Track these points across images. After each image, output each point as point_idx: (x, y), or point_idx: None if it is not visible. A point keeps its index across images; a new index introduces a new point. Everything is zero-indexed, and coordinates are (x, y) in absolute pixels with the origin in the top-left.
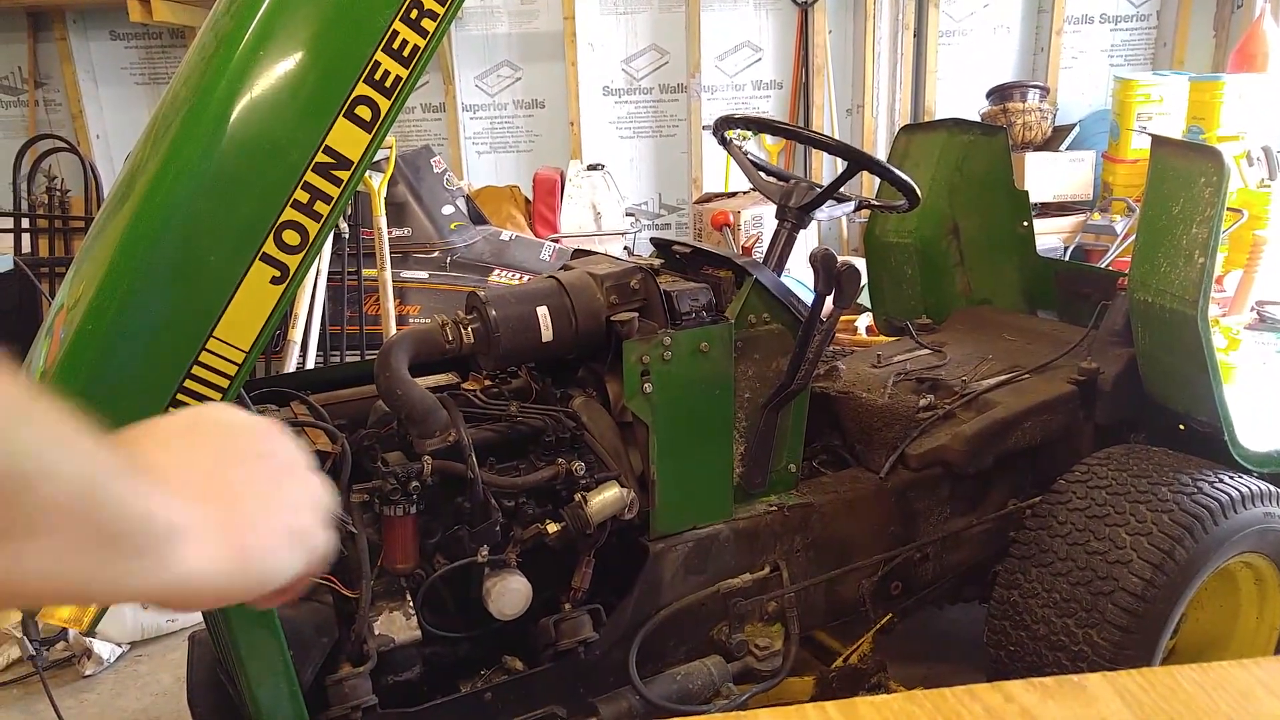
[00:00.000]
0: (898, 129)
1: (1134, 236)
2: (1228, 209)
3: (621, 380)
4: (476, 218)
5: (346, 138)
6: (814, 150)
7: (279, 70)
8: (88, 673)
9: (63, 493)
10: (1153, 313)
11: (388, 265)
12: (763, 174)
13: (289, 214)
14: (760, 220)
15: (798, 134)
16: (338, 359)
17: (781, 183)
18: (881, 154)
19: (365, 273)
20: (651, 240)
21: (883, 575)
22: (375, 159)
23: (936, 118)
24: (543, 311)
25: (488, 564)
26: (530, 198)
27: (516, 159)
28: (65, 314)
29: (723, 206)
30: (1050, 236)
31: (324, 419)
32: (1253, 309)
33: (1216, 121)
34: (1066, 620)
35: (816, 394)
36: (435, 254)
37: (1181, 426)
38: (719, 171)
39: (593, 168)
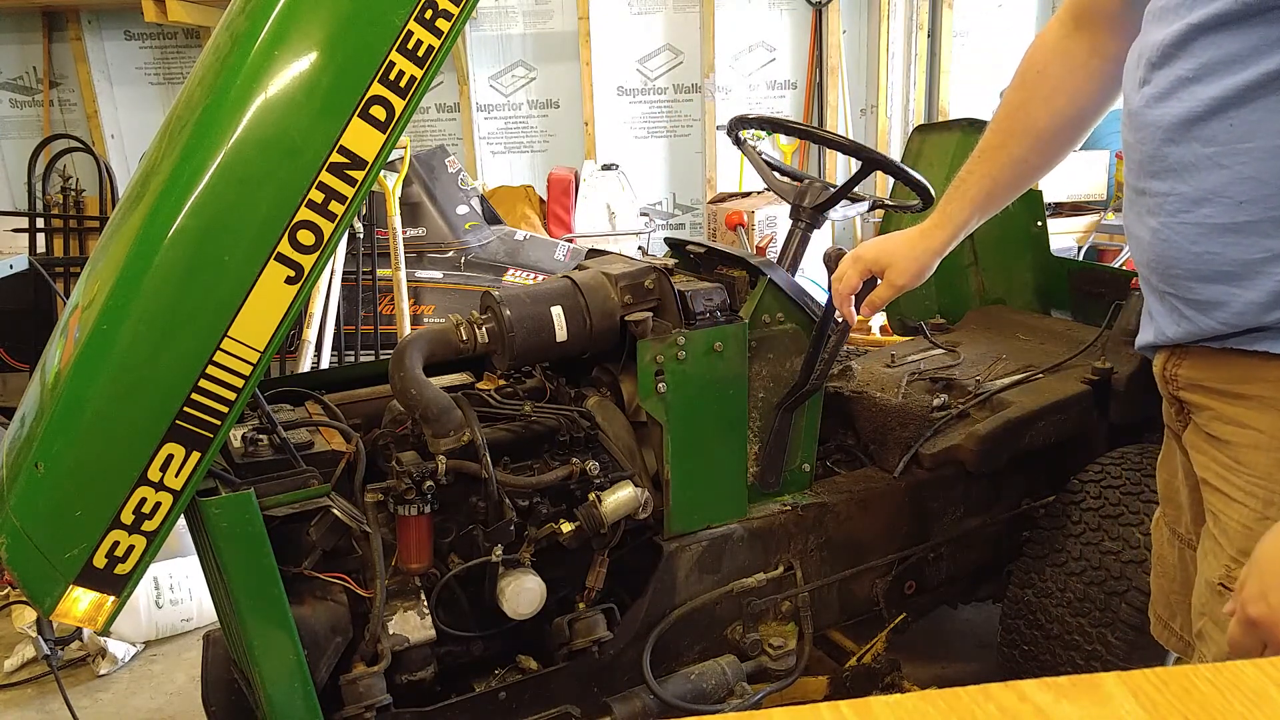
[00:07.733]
0: (911, 129)
1: None
2: None
3: (636, 380)
4: (491, 218)
5: (361, 137)
6: (828, 150)
7: (294, 70)
8: (102, 672)
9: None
10: None
11: (402, 265)
12: (777, 174)
13: (304, 214)
14: (774, 220)
15: (812, 134)
16: (352, 359)
17: (795, 183)
18: (895, 154)
19: (380, 272)
20: (666, 240)
21: (897, 575)
22: (390, 159)
23: (950, 118)
24: (557, 311)
25: (502, 563)
26: (545, 198)
27: (531, 159)
28: (80, 313)
29: (737, 206)
30: (1064, 236)
31: (339, 418)
32: None
33: None
34: (1080, 620)
35: (830, 394)
36: (450, 254)
37: None
38: (733, 172)
39: (607, 168)
